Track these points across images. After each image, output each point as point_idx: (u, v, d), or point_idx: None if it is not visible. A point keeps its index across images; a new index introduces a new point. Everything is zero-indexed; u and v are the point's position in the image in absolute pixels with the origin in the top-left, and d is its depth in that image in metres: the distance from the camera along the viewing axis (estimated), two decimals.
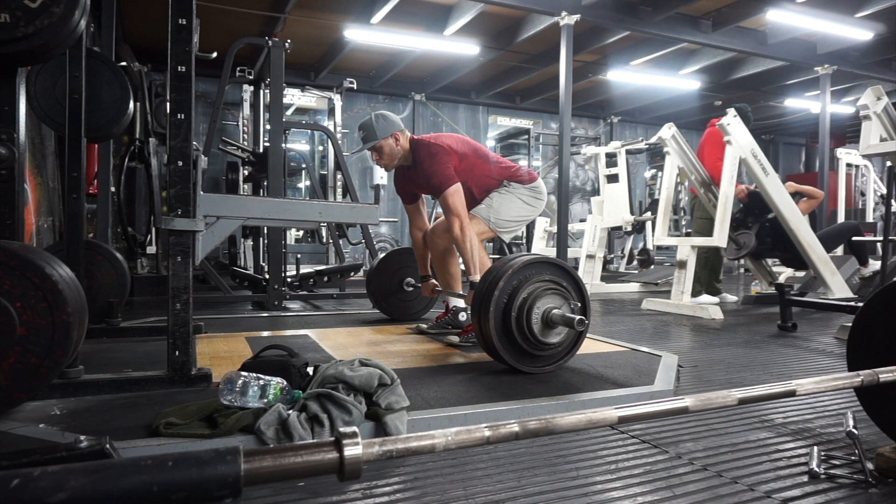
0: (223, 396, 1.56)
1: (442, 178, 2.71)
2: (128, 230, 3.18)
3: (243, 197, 3.09)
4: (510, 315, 2.12)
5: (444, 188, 2.71)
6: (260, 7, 6.47)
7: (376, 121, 2.79)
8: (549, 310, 2.13)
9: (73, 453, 0.74)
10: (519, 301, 2.12)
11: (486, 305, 2.13)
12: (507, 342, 2.15)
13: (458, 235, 2.70)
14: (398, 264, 3.55)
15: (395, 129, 2.81)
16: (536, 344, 2.15)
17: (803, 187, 4.80)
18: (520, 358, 2.17)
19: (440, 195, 2.73)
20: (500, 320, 2.14)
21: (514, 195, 2.94)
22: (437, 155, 2.74)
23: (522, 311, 2.11)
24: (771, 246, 4.60)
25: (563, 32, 5.85)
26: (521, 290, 2.13)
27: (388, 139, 2.79)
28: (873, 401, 1.46)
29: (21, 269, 1.34)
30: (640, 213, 8.02)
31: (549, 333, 2.15)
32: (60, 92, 2.51)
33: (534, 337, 2.13)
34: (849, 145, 10.60)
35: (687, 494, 1.26)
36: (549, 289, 2.15)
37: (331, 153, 7.93)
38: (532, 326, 2.11)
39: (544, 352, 2.19)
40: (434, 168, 2.73)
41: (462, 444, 0.83)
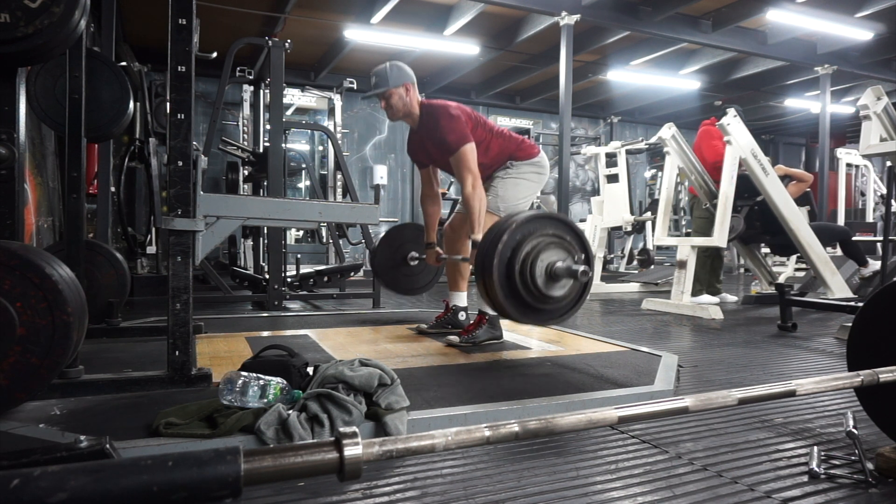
0: (223, 396, 1.56)
1: (458, 136, 2.72)
2: (128, 230, 3.18)
3: (243, 197, 3.10)
4: (514, 268, 2.08)
5: (460, 144, 2.71)
6: (260, 7, 6.47)
7: (390, 69, 2.80)
8: (552, 263, 2.09)
9: (73, 453, 0.74)
10: (522, 255, 2.07)
11: (489, 259, 2.08)
12: (511, 296, 2.10)
13: (468, 192, 2.70)
14: (402, 239, 3.51)
15: (408, 80, 2.81)
16: (540, 297, 2.10)
17: (792, 170, 4.80)
18: (524, 311, 2.13)
19: (455, 152, 2.72)
20: (503, 274, 2.09)
21: (519, 177, 2.94)
22: (454, 115, 2.75)
23: (526, 265, 2.07)
24: (760, 230, 4.60)
25: (563, 32, 5.85)
26: (524, 244, 2.09)
27: (399, 88, 2.79)
28: (873, 401, 1.46)
29: (21, 269, 1.34)
30: (640, 213, 8.02)
31: (552, 286, 2.10)
32: (60, 92, 2.51)
33: (538, 290, 2.08)
34: (849, 145, 10.61)
35: (687, 494, 1.26)
36: (553, 243, 2.11)
37: (331, 153, 7.93)
38: (536, 279, 2.07)
39: (548, 305, 2.14)
40: (451, 125, 2.73)
41: (462, 444, 0.83)
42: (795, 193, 4.57)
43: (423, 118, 2.86)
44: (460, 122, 2.75)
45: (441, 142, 2.77)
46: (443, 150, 2.79)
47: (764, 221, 4.49)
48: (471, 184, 2.71)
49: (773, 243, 4.76)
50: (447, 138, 2.73)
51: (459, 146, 2.71)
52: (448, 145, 2.74)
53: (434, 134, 2.81)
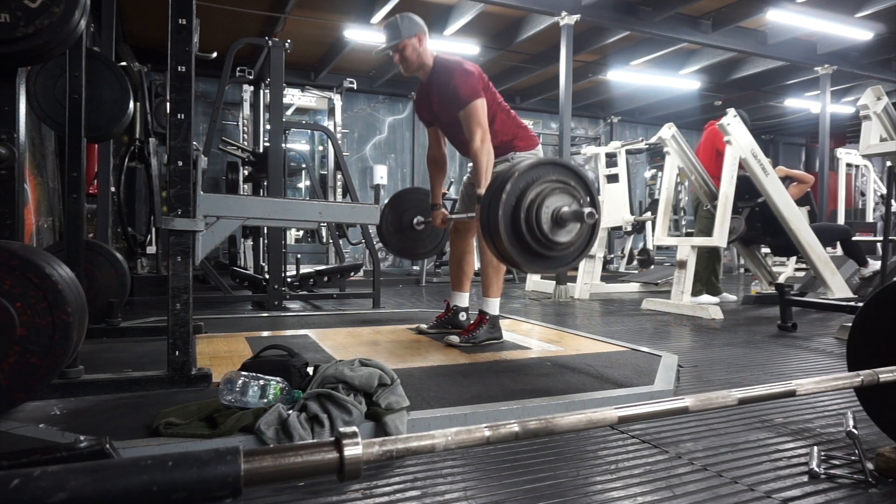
0: (223, 396, 1.56)
1: (470, 90, 2.68)
2: (128, 230, 3.18)
3: (243, 197, 3.09)
4: (519, 215, 2.05)
5: (471, 99, 2.67)
6: (260, 7, 6.47)
7: (401, 20, 2.78)
8: (558, 208, 2.06)
9: (73, 453, 0.74)
10: (528, 201, 2.05)
11: (494, 207, 2.06)
12: (518, 243, 2.08)
13: (477, 146, 2.66)
14: (408, 203, 3.46)
15: (420, 31, 2.79)
16: (547, 243, 2.08)
17: (793, 171, 4.80)
18: (531, 259, 2.12)
19: (465, 106, 2.68)
20: (509, 222, 2.07)
21: None
22: (469, 71, 2.72)
23: (532, 211, 2.04)
24: (761, 231, 4.60)
25: (563, 32, 5.84)
26: (529, 191, 2.06)
27: (412, 39, 2.77)
28: (873, 401, 1.46)
29: (21, 269, 1.34)
30: (640, 213, 8.02)
31: (559, 232, 2.08)
32: (60, 92, 2.51)
33: (544, 236, 2.06)
34: (849, 145, 10.61)
35: (687, 494, 1.26)
36: (558, 188, 2.09)
37: (331, 153, 7.94)
38: (542, 225, 2.05)
39: (555, 251, 2.13)
40: (465, 79, 2.70)
41: (462, 444, 0.83)
42: (796, 195, 4.57)
43: (436, 71, 2.82)
44: (473, 78, 2.71)
45: (452, 96, 2.72)
46: (452, 104, 2.74)
47: (765, 223, 4.49)
48: (479, 138, 2.66)
49: (773, 244, 4.76)
50: (459, 91, 2.69)
51: (470, 100, 2.67)
52: (459, 99, 2.69)
53: (445, 87, 2.75)
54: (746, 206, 4.56)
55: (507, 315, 3.81)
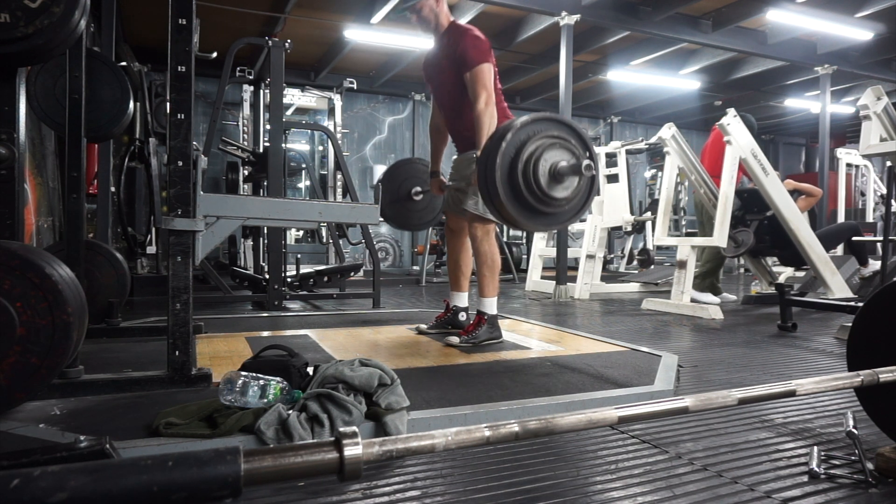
0: (223, 396, 1.56)
1: (480, 52, 2.68)
2: (128, 230, 3.18)
3: (243, 197, 3.09)
4: (517, 171, 2.03)
5: (479, 61, 2.67)
6: (260, 7, 6.47)
7: None
8: (556, 163, 2.05)
9: (73, 453, 0.74)
10: (526, 155, 2.03)
11: (491, 162, 2.04)
12: (516, 200, 2.07)
13: (481, 108, 2.65)
14: (407, 174, 3.44)
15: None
16: (544, 198, 2.06)
17: (801, 185, 4.81)
18: (529, 215, 2.11)
19: (472, 67, 2.67)
20: (506, 178, 2.05)
21: None
22: (483, 38, 2.73)
23: (529, 164, 2.03)
24: (769, 244, 4.60)
25: (563, 32, 5.84)
26: (527, 145, 2.05)
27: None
28: (873, 401, 1.46)
29: (21, 269, 1.34)
30: (640, 213, 8.02)
31: (556, 188, 2.07)
32: (60, 92, 2.51)
33: (541, 191, 2.04)
34: (849, 145, 10.61)
35: (687, 494, 1.26)
36: (556, 144, 2.07)
37: (331, 153, 7.93)
38: (539, 179, 2.03)
39: (553, 207, 2.11)
40: (477, 42, 2.70)
41: (462, 444, 0.83)
42: (805, 208, 4.58)
43: (450, 33, 2.81)
44: (484, 43, 2.72)
45: (460, 56, 2.71)
46: (459, 65, 2.72)
47: (773, 236, 4.50)
48: (484, 101, 2.65)
49: (782, 256, 4.76)
50: (468, 52, 2.68)
51: (478, 62, 2.67)
52: (467, 60, 2.68)
53: (455, 48, 2.74)
54: (755, 218, 4.57)
55: (507, 315, 3.81)
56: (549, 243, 6.42)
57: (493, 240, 2.84)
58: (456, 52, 2.72)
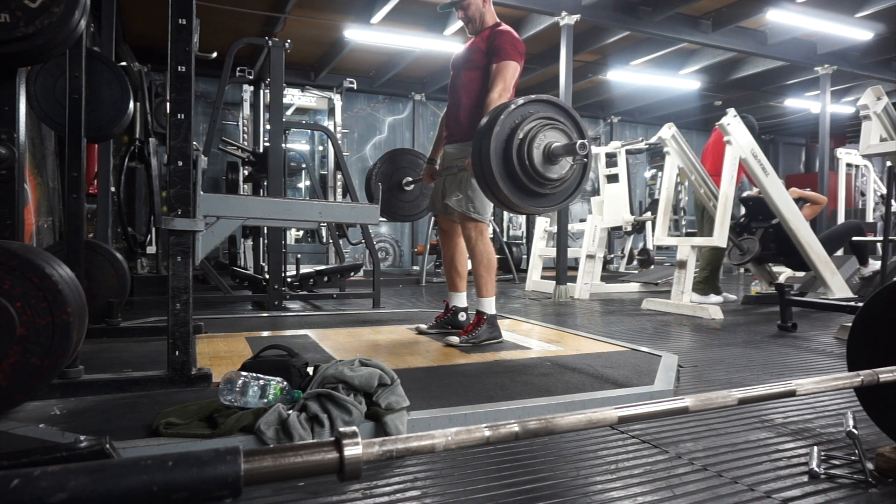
0: (223, 396, 1.56)
1: (513, 50, 2.71)
2: (128, 230, 3.18)
3: (243, 197, 3.10)
4: (511, 148, 2.05)
5: (510, 57, 2.69)
6: (260, 7, 6.47)
7: None
8: (550, 143, 2.06)
9: (73, 453, 0.74)
10: (520, 136, 2.05)
11: (486, 142, 2.06)
12: (510, 180, 2.08)
13: (494, 98, 2.64)
14: (399, 164, 3.45)
15: None
16: (538, 179, 2.08)
17: (807, 193, 4.81)
18: (523, 196, 2.12)
19: (502, 60, 2.69)
20: (500, 159, 2.06)
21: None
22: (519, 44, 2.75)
23: (524, 144, 2.04)
24: (775, 251, 4.60)
25: (563, 32, 5.84)
26: (521, 126, 2.07)
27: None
28: (873, 401, 1.46)
29: (21, 270, 1.34)
30: (640, 213, 8.02)
31: (550, 168, 2.09)
32: (60, 92, 2.52)
33: (535, 171, 2.06)
34: (849, 145, 10.61)
35: (687, 494, 1.26)
36: (550, 125, 2.09)
37: (331, 153, 7.93)
38: (533, 160, 2.05)
39: (548, 189, 2.13)
40: (513, 41, 2.72)
41: (462, 444, 0.83)
42: (810, 216, 4.58)
43: (491, 29, 2.82)
44: (522, 47, 2.75)
45: (495, 47, 2.73)
46: (490, 55, 2.75)
47: (779, 243, 4.50)
48: (499, 92, 2.66)
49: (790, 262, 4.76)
50: (504, 45, 2.71)
51: (509, 57, 2.70)
52: (500, 52, 2.71)
53: (493, 39, 2.76)
54: (760, 226, 4.57)
55: (507, 315, 3.81)
56: (549, 243, 6.42)
57: (487, 240, 2.84)
58: (494, 43, 2.75)
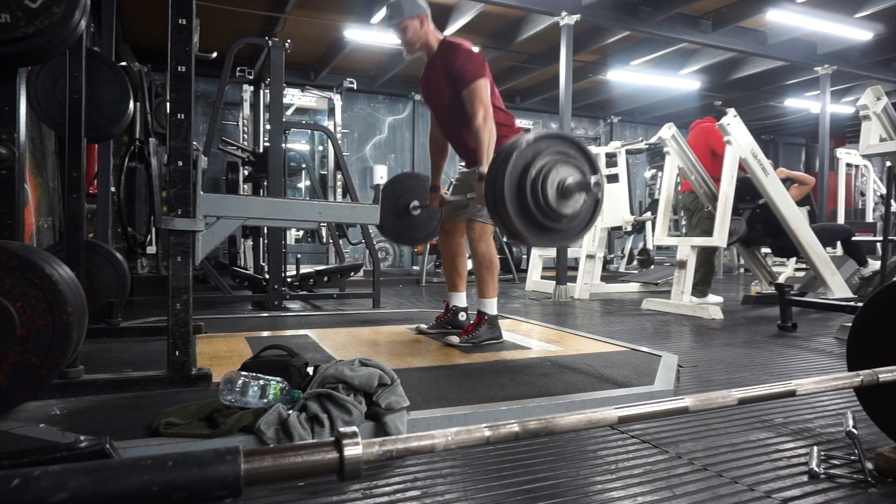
0: (223, 396, 1.56)
1: (476, 68, 2.68)
2: (128, 230, 3.18)
3: (243, 197, 3.10)
4: (525, 187, 2.05)
5: (475, 77, 2.66)
6: (260, 7, 6.47)
7: (404, 0, 2.77)
8: (563, 179, 2.06)
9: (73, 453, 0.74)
10: (533, 172, 2.05)
11: (500, 177, 2.05)
12: (524, 216, 2.08)
13: (479, 123, 2.64)
14: (403, 189, 3.41)
15: (422, 13, 2.78)
16: (553, 215, 2.08)
17: (794, 173, 4.80)
18: (537, 232, 2.12)
19: (469, 84, 2.67)
20: (514, 194, 2.06)
21: None
22: (475, 54, 2.72)
23: (537, 182, 2.04)
24: (762, 233, 4.60)
25: (563, 32, 5.84)
26: (534, 163, 2.06)
27: (414, 20, 2.76)
28: (873, 401, 1.46)
29: (21, 270, 1.34)
30: (640, 213, 8.02)
31: (565, 203, 2.08)
32: (61, 92, 2.51)
33: (550, 208, 2.06)
34: (849, 145, 10.61)
35: (687, 494, 1.26)
36: (562, 160, 2.09)
37: (331, 153, 7.93)
38: (548, 196, 2.05)
39: (561, 224, 2.13)
40: (471, 58, 2.70)
41: (462, 444, 0.83)
42: (797, 197, 4.57)
43: (442, 51, 2.81)
44: (479, 58, 2.71)
45: (457, 74, 2.71)
46: (456, 83, 2.72)
47: (766, 224, 4.49)
48: (482, 116, 2.64)
49: (775, 245, 4.76)
50: (465, 69, 2.68)
51: (475, 79, 2.66)
52: (463, 76, 2.68)
53: (450, 66, 2.74)
54: (747, 207, 4.56)
55: (507, 315, 3.81)
56: None
57: (490, 240, 2.84)
58: (452, 71, 2.72)
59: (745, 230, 4.48)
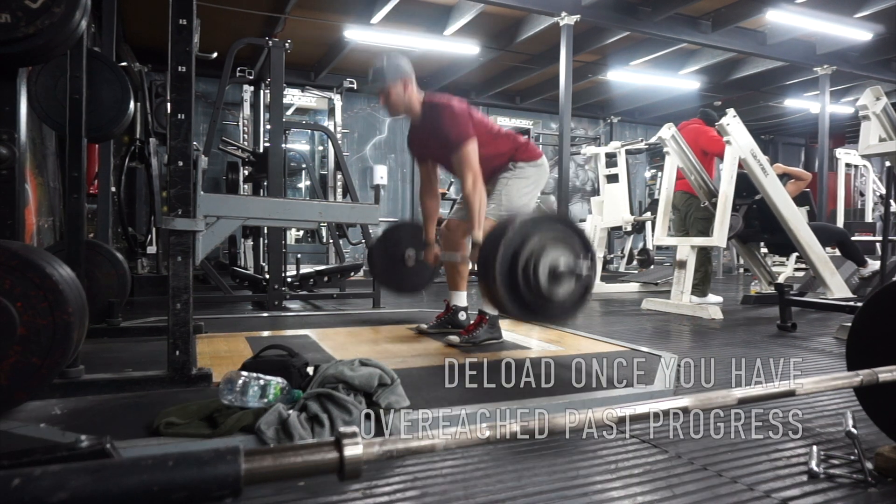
0: (223, 396, 1.56)
1: (461, 131, 2.69)
2: (128, 230, 3.18)
3: (243, 197, 3.11)
4: (517, 269, 2.05)
5: (461, 141, 2.68)
6: (260, 7, 6.48)
7: (387, 65, 2.76)
8: (555, 263, 2.08)
9: (73, 453, 0.74)
10: (525, 255, 2.06)
11: (491, 260, 2.06)
12: (514, 296, 2.09)
13: (469, 190, 2.67)
14: (399, 237, 3.43)
15: (405, 76, 2.78)
16: (543, 297, 2.08)
17: (790, 169, 4.80)
18: (526, 312, 2.12)
19: (457, 148, 2.69)
20: (506, 274, 2.07)
21: (520, 178, 2.92)
22: (457, 110, 2.73)
23: (529, 265, 2.05)
24: (758, 228, 4.60)
25: (563, 33, 5.85)
26: (526, 244, 2.07)
27: (397, 85, 2.77)
28: (872, 400, 1.46)
29: (22, 269, 1.35)
30: (640, 213, 8.02)
31: (555, 287, 2.09)
32: (61, 92, 2.51)
33: (540, 290, 2.06)
34: (848, 145, 10.62)
35: (686, 494, 1.26)
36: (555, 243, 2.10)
37: (331, 153, 7.93)
38: (539, 280, 2.06)
39: (551, 306, 2.13)
40: (454, 121, 2.71)
41: (462, 444, 0.84)
42: (794, 192, 4.57)
43: (426, 113, 2.83)
44: (463, 119, 2.72)
45: (443, 138, 2.74)
46: (445, 145, 2.76)
47: (762, 220, 4.50)
48: (471, 181, 2.68)
49: (771, 242, 4.76)
50: (449, 134, 2.71)
51: (461, 143, 2.69)
52: (450, 142, 2.71)
53: (436, 129, 2.77)
54: (744, 203, 4.56)
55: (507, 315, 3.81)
56: None
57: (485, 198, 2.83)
58: (439, 133, 2.75)
59: (741, 226, 4.48)
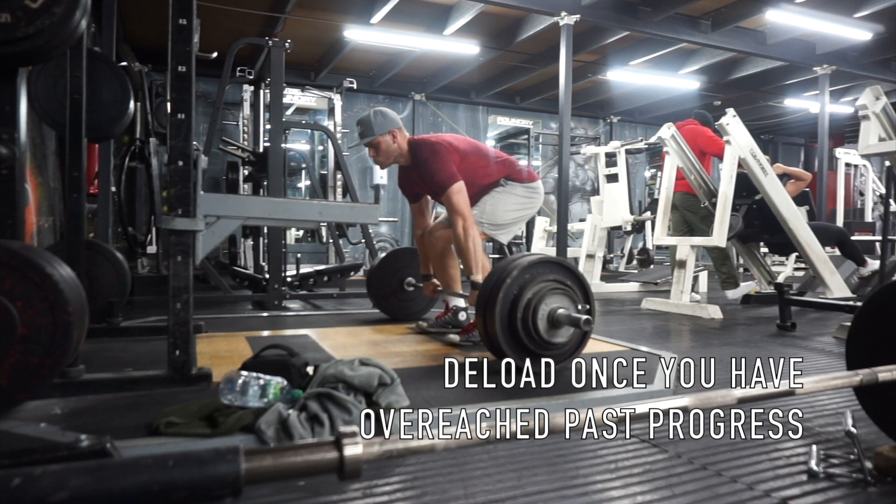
0: (223, 396, 1.56)
1: (445, 176, 2.70)
2: (128, 230, 3.18)
3: (243, 197, 3.11)
4: (516, 315, 2.09)
5: (447, 185, 2.70)
6: (260, 7, 6.47)
7: (374, 117, 2.79)
8: (554, 310, 2.11)
9: (74, 452, 0.75)
10: (524, 301, 2.10)
11: (491, 306, 2.11)
12: (513, 342, 2.13)
13: (460, 234, 2.68)
14: (399, 264, 3.53)
15: (393, 127, 2.81)
16: (542, 344, 2.13)
17: (790, 169, 4.80)
18: (524, 356, 2.15)
19: (444, 193, 2.72)
20: (505, 320, 2.11)
21: (510, 193, 2.92)
22: (439, 153, 2.74)
23: (528, 311, 2.09)
24: (759, 229, 4.61)
25: (563, 32, 5.85)
26: (526, 290, 2.11)
27: (386, 136, 2.80)
28: (872, 400, 1.46)
29: (22, 269, 1.35)
30: (640, 212, 8.02)
31: (554, 333, 2.14)
32: (61, 92, 2.51)
33: (539, 337, 2.11)
34: (848, 145, 10.62)
35: (686, 493, 1.26)
36: (555, 289, 2.13)
37: (331, 153, 7.93)
38: (538, 326, 2.09)
39: (549, 351, 2.17)
40: (437, 166, 2.72)
41: (462, 443, 0.84)
42: (794, 192, 4.57)
43: (414, 156, 2.85)
44: (447, 161, 2.73)
45: (432, 181, 2.77)
46: (433, 185, 2.79)
47: (762, 220, 4.50)
48: (462, 226, 2.67)
49: (771, 242, 4.77)
50: (434, 179, 2.73)
51: (447, 186, 2.70)
52: (437, 186, 2.74)
53: (422, 173, 2.81)
54: (744, 203, 4.56)
55: None
56: (549, 243, 6.43)
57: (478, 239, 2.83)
58: (428, 176, 2.78)
59: (741, 226, 4.49)
